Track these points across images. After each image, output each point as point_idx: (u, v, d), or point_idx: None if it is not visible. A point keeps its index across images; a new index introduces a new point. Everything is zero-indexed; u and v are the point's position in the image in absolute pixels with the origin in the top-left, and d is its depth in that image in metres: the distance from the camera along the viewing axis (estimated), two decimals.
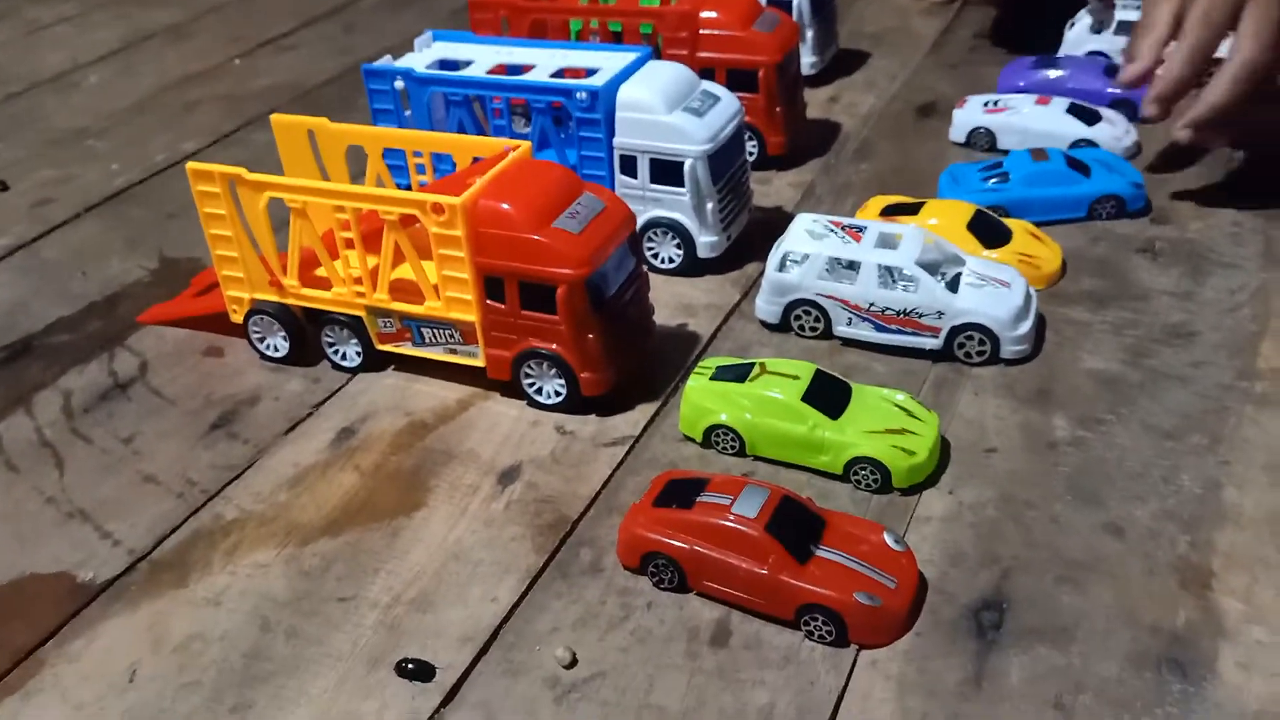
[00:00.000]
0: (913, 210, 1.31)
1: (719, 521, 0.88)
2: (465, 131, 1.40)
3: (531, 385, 1.12)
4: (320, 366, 1.22)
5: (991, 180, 1.39)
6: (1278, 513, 0.95)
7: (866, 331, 1.17)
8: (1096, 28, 1.73)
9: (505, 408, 1.14)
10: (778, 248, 1.21)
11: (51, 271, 1.45)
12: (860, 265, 1.15)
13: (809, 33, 1.74)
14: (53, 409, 1.18)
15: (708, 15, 1.49)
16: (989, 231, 1.28)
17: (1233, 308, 1.20)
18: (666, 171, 1.28)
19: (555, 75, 1.35)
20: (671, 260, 1.33)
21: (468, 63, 1.41)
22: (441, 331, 1.14)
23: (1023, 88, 1.64)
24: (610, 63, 1.34)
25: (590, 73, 1.33)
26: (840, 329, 1.18)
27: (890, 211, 1.33)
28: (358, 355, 1.19)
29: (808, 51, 1.74)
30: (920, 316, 1.14)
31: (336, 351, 1.20)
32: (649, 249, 1.33)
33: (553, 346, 1.08)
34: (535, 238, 1.04)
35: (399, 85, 1.39)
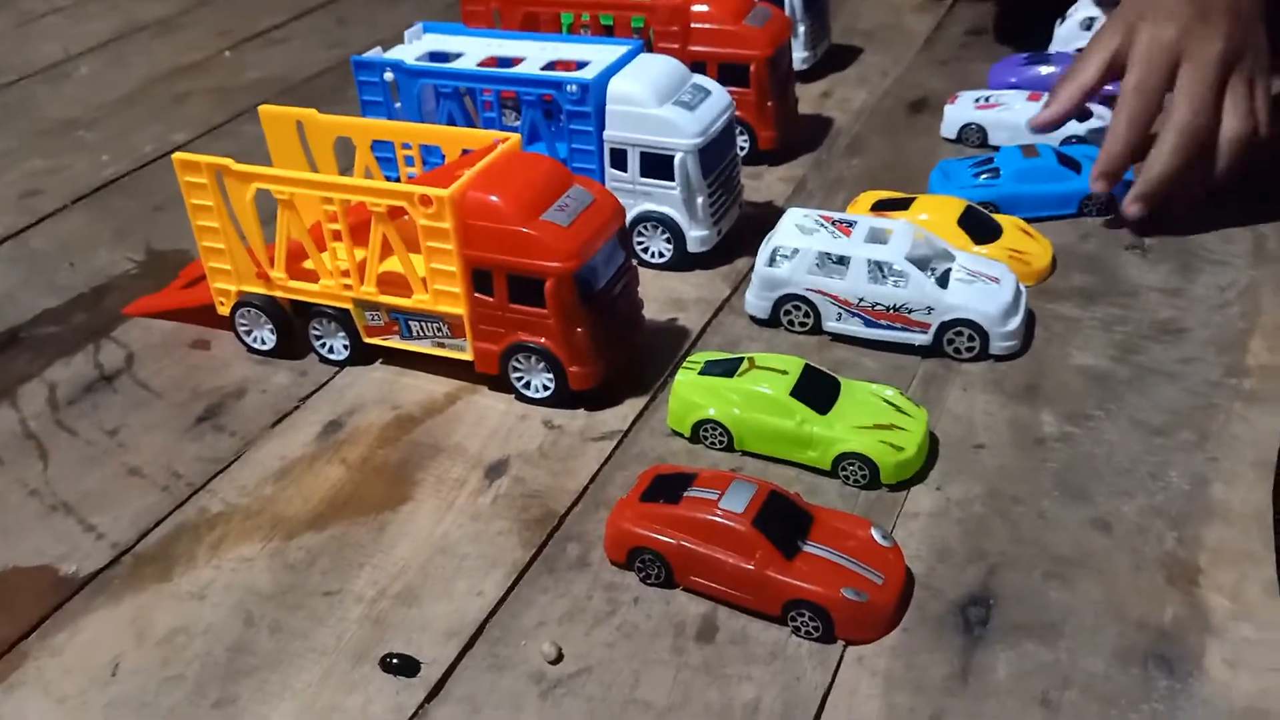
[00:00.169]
0: (904, 206, 1.31)
1: (706, 516, 0.88)
2: (455, 124, 1.39)
3: (520, 379, 1.11)
4: (307, 359, 1.21)
5: (982, 176, 1.39)
6: (1265, 509, 0.95)
7: (856, 327, 1.17)
8: (1087, 24, 1.72)
9: (493, 401, 1.13)
10: (768, 242, 1.21)
11: (39, 262, 1.44)
12: (850, 260, 1.15)
13: (801, 28, 1.73)
14: (38, 400, 1.18)
15: (699, 9, 1.49)
16: (979, 227, 1.28)
17: (1222, 304, 1.20)
18: (657, 165, 1.27)
19: (546, 68, 1.35)
20: (661, 254, 1.32)
21: (458, 55, 1.40)
22: (429, 325, 1.13)
23: (1014, 84, 1.64)
24: (601, 56, 1.34)
25: (581, 66, 1.33)
26: (830, 324, 1.18)
27: (881, 207, 1.33)
28: (345, 348, 1.19)
29: (800, 46, 1.74)
30: (910, 312, 1.14)
31: (324, 344, 1.20)
32: (639, 243, 1.32)
33: (541, 340, 1.07)
34: (524, 230, 1.03)
35: (389, 77, 1.38)
